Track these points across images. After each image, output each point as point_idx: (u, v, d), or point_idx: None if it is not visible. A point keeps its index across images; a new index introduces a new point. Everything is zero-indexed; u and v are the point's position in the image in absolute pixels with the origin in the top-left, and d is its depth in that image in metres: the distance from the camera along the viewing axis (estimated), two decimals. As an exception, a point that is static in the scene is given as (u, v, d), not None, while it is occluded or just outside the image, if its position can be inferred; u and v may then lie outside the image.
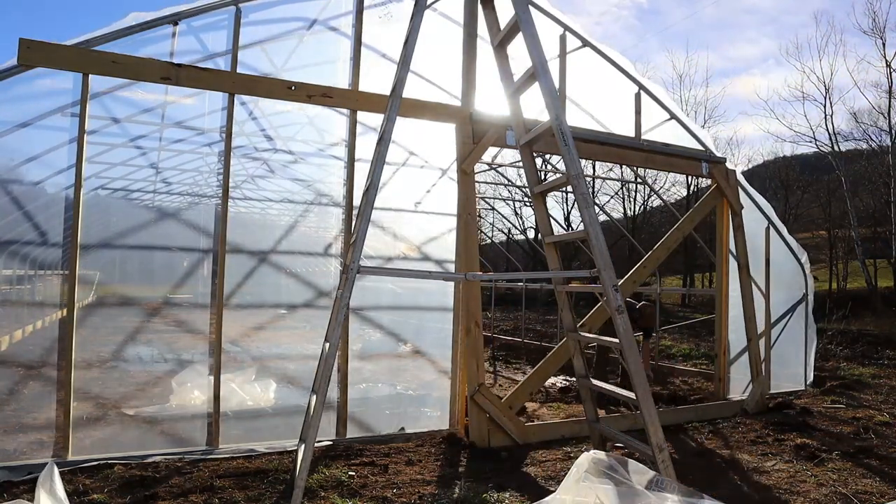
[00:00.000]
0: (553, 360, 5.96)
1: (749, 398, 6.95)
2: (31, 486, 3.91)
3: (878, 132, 21.82)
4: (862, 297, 19.51)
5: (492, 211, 21.91)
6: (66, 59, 4.36)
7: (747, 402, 6.89)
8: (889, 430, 6.03)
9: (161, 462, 4.45)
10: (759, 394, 6.96)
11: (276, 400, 6.03)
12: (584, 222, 3.93)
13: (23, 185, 5.91)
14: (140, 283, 6.77)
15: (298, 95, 5.08)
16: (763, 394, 7.04)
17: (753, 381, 7.10)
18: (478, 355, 5.42)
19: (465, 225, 5.51)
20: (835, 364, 10.48)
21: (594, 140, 6.45)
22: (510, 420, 5.41)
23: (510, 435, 5.36)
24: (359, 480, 4.31)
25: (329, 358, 3.59)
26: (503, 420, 5.36)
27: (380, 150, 3.81)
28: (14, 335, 9.33)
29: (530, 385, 5.86)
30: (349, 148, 5.41)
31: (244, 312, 6.25)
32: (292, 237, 6.84)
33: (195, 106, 6.26)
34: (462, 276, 5.01)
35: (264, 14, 5.52)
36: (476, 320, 5.44)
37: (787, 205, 25.88)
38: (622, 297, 3.94)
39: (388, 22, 5.93)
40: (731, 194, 7.32)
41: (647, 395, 3.85)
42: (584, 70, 6.82)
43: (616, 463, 3.36)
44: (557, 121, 3.99)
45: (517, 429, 5.42)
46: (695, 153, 7.22)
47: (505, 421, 5.36)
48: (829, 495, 4.24)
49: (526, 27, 4.12)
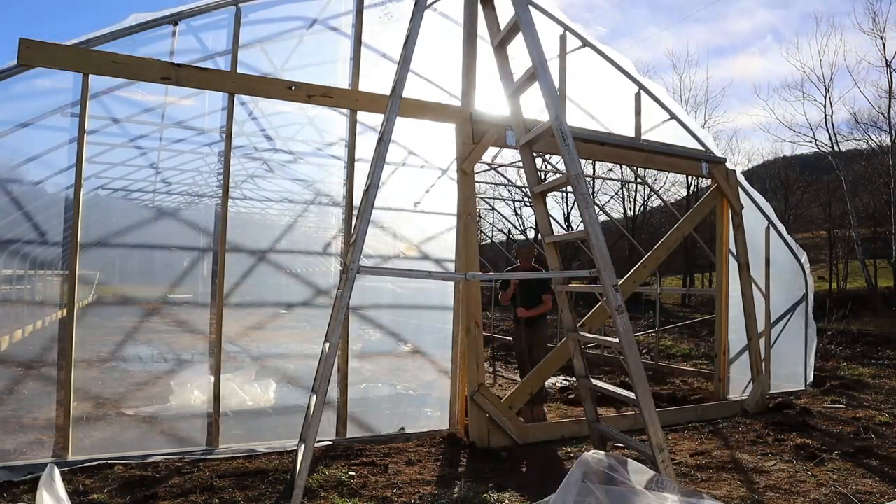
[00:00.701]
0: (553, 360, 5.96)
1: (749, 398, 6.95)
2: (31, 487, 3.91)
3: (878, 132, 21.82)
4: (862, 297, 19.50)
5: (492, 211, 21.93)
6: (66, 59, 4.36)
7: (747, 402, 6.89)
8: (889, 430, 6.03)
9: (161, 462, 4.45)
10: (760, 394, 6.96)
11: (276, 400, 6.03)
12: (584, 222, 3.93)
13: (23, 184, 5.90)
14: (140, 283, 6.77)
15: (298, 95, 5.08)
16: (763, 394, 7.04)
17: (754, 381, 7.10)
18: (478, 355, 5.42)
19: (465, 225, 5.51)
20: (835, 364, 10.48)
21: (594, 140, 6.45)
22: (510, 420, 5.41)
23: (510, 435, 5.36)
24: (359, 480, 4.31)
25: (329, 358, 3.59)
26: (503, 420, 5.36)
27: (380, 150, 3.81)
28: (14, 335, 9.33)
29: (530, 385, 5.87)
30: (349, 148, 5.41)
31: (244, 312, 6.25)
32: (292, 237, 6.84)
33: (195, 106, 6.26)
34: (462, 275, 5.02)
35: (264, 14, 5.52)
36: (476, 320, 5.44)
37: (787, 205, 25.88)
38: (622, 297, 3.94)
39: (389, 22, 5.93)
40: (731, 194, 7.33)
41: (647, 395, 3.86)
42: (584, 70, 6.82)
43: (616, 463, 3.36)
44: (557, 121, 3.99)
45: (517, 428, 5.42)
46: (695, 153, 7.22)
47: (505, 421, 5.36)
48: (829, 495, 4.24)
49: (526, 27, 4.12)
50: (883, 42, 20.26)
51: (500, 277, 6.21)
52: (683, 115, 7.62)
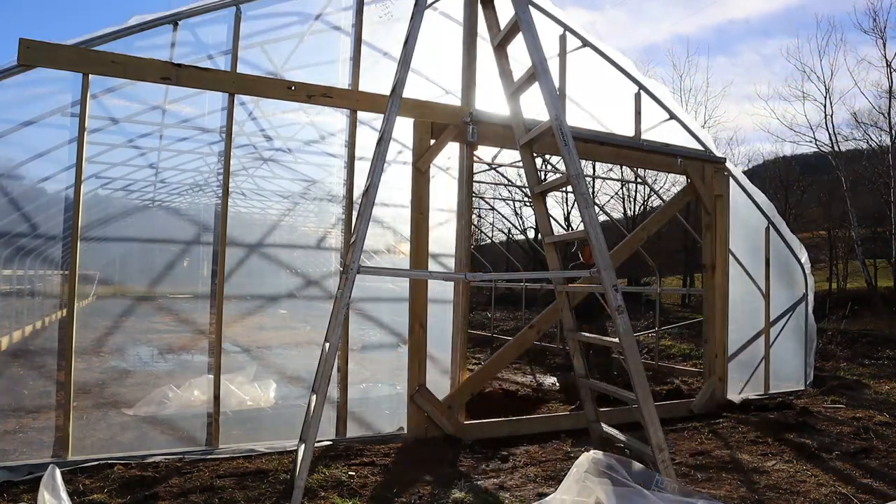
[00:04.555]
0: (505, 353, 6.07)
1: (698, 398, 6.96)
2: (30, 487, 3.91)
3: (878, 132, 21.81)
4: (862, 297, 19.49)
5: (492, 211, 21.89)
6: (67, 59, 4.35)
7: (695, 403, 6.90)
8: (889, 430, 6.03)
9: (161, 462, 4.45)
10: (710, 394, 7.01)
11: (276, 400, 6.04)
12: (584, 222, 3.93)
13: (23, 185, 5.91)
14: (140, 283, 6.78)
15: (298, 95, 5.08)
16: (714, 395, 7.05)
17: (706, 380, 7.13)
18: (420, 356, 5.45)
19: (416, 223, 5.50)
20: (835, 364, 10.47)
21: (594, 140, 6.45)
22: (447, 418, 5.51)
23: (445, 431, 5.48)
24: (359, 480, 4.31)
25: (329, 358, 3.59)
26: (440, 419, 5.46)
27: (380, 149, 3.81)
28: (14, 335, 9.33)
29: (475, 383, 5.91)
30: (349, 147, 5.41)
31: (244, 312, 6.26)
32: (292, 237, 6.85)
33: (195, 106, 6.27)
34: (462, 275, 5.01)
35: (265, 13, 5.53)
36: (420, 321, 5.45)
37: (787, 205, 25.83)
38: (622, 296, 3.94)
39: (389, 21, 5.93)
40: (704, 193, 7.18)
41: (647, 395, 3.86)
42: (584, 70, 6.82)
43: (616, 463, 3.37)
44: (557, 121, 3.99)
45: (454, 426, 5.52)
46: (695, 153, 7.21)
47: (442, 420, 5.47)
48: (829, 495, 4.24)
49: (526, 27, 4.13)
50: (883, 42, 20.27)
51: (500, 278, 6.21)
52: (683, 114, 7.62)
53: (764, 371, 7.77)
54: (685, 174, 7.13)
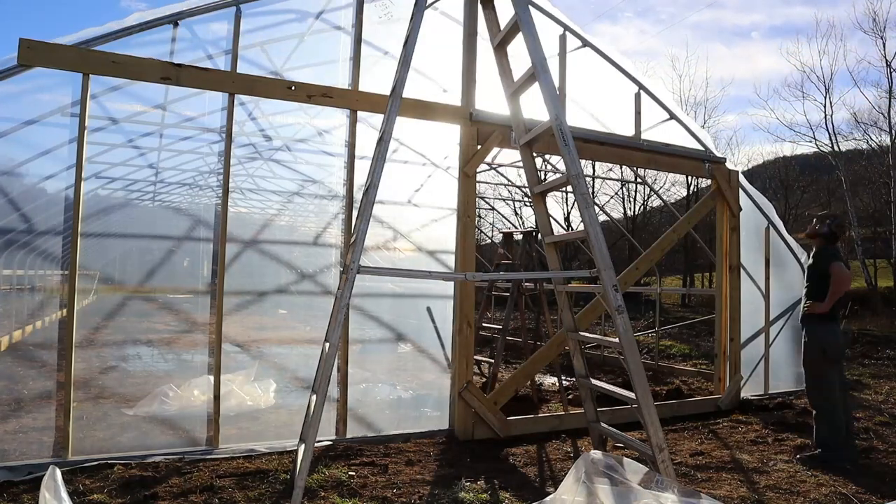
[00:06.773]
0: (538, 358, 6.12)
1: (725, 395, 7.02)
2: (31, 487, 3.92)
3: (878, 132, 21.81)
4: (862, 297, 19.49)
5: (492, 211, 21.87)
6: (66, 59, 4.35)
7: (722, 400, 6.96)
8: (889, 430, 6.03)
9: (161, 462, 4.45)
10: (735, 391, 7.10)
11: (276, 400, 6.04)
12: (584, 222, 3.93)
13: (23, 185, 5.91)
14: (140, 283, 6.78)
15: (298, 95, 5.08)
16: (738, 391, 7.16)
17: (731, 379, 7.16)
18: (468, 355, 5.47)
19: (464, 227, 5.51)
20: (835, 364, 10.46)
21: (594, 140, 6.45)
22: (493, 414, 5.54)
23: (493, 428, 5.50)
24: (359, 480, 4.31)
25: (329, 358, 3.59)
26: (487, 416, 5.48)
27: (380, 149, 3.81)
28: (14, 335, 9.33)
29: (516, 382, 6.00)
30: (349, 147, 5.41)
31: (244, 312, 6.26)
32: (292, 237, 6.85)
33: (195, 106, 6.27)
34: (462, 275, 5.02)
35: (264, 13, 5.52)
36: (469, 321, 5.47)
37: (787, 205, 25.84)
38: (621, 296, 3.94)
39: (389, 21, 5.93)
40: (731, 196, 7.29)
41: (648, 395, 3.86)
42: (584, 70, 6.82)
43: (615, 463, 3.36)
44: (557, 121, 3.99)
45: (500, 423, 5.55)
46: (695, 153, 7.21)
47: (489, 416, 5.49)
48: (829, 495, 4.24)
49: (526, 27, 4.12)
50: (883, 42, 20.27)
51: (499, 278, 6.23)
52: (683, 114, 7.62)
53: (763, 371, 7.77)
54: (712, 178, 7.23)
